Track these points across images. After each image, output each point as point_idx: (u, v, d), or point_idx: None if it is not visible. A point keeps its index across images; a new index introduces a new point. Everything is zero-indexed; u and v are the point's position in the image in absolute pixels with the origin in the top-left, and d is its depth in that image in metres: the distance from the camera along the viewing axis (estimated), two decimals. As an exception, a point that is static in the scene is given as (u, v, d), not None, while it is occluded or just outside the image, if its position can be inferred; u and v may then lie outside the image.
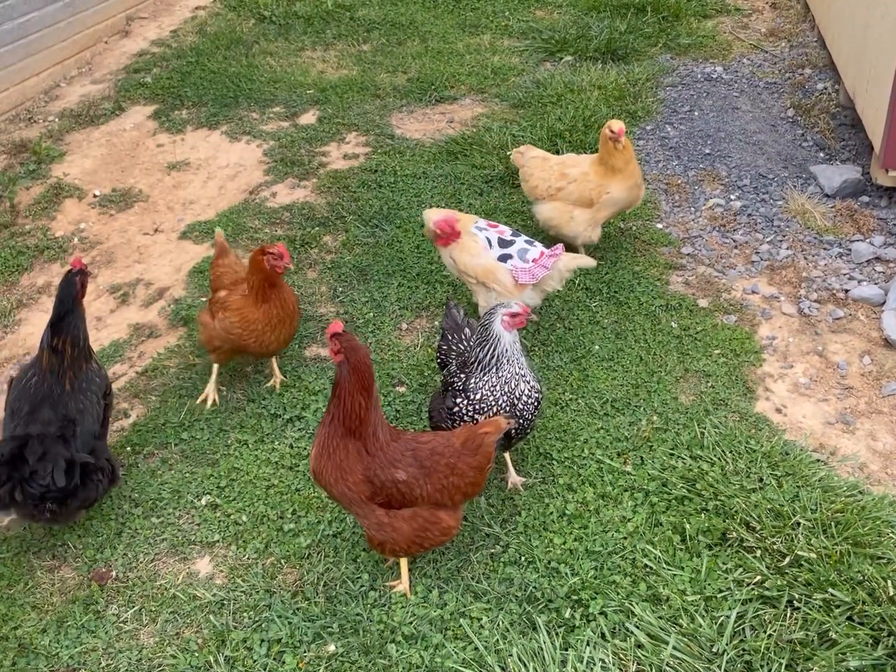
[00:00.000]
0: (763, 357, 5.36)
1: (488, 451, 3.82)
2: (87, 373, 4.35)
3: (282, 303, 4.83)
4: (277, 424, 4.87)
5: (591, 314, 5.61)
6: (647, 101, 8.00)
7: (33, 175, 7.69)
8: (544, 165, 5.92)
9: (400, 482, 3.71)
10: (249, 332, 4.79)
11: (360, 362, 3.65)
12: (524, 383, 4.12)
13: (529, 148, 6.11)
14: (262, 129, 8.01)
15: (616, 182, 5.72)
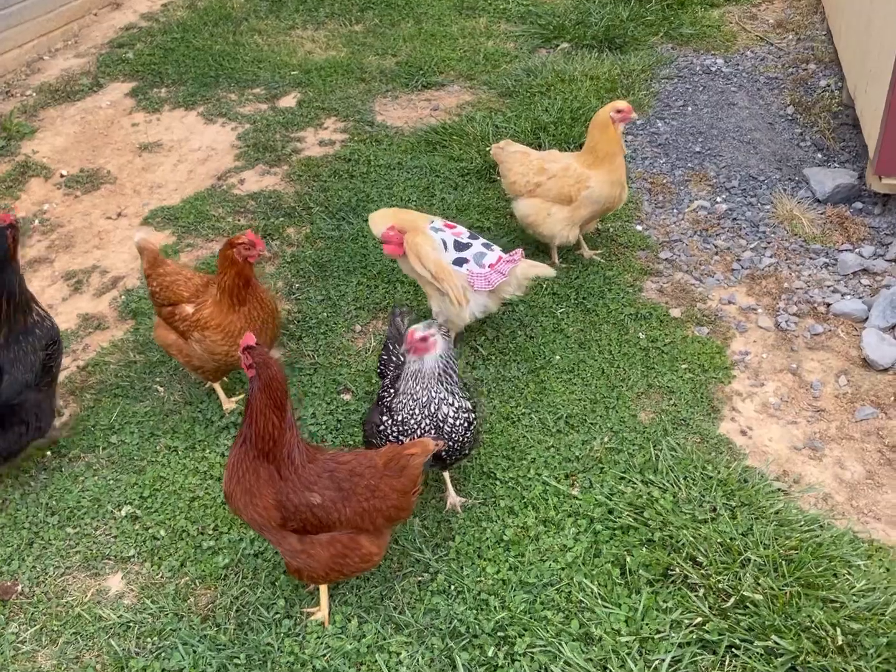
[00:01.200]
0: (733, 374, 5.08)
1: (413, 474, 3.56)
2: (27, 326, 4.30)
3: (259, 302, 4.50)
4: (211, 431, 4.64)
5: (556, 321, 5.33)
6: (639, 93, 7.67)
7: (1, 152, 7.47)
8: (524, 160, 5.63)
9: (315, 506, 3.47)
10: (238, 347, 4.42)
11: (273, 378, 3.40)
12: (446, 406, 3.86)
13: (509, 143, 5.82)
14: (240, 111, 7.75)
15: (600, 174, 5.44)
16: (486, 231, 6.06)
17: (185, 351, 4.52)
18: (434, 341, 3.77)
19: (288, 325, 5.31)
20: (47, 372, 4.41)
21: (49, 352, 4.38)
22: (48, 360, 4.38)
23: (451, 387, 3.87)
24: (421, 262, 4.78)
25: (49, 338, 4.38)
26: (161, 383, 4.96)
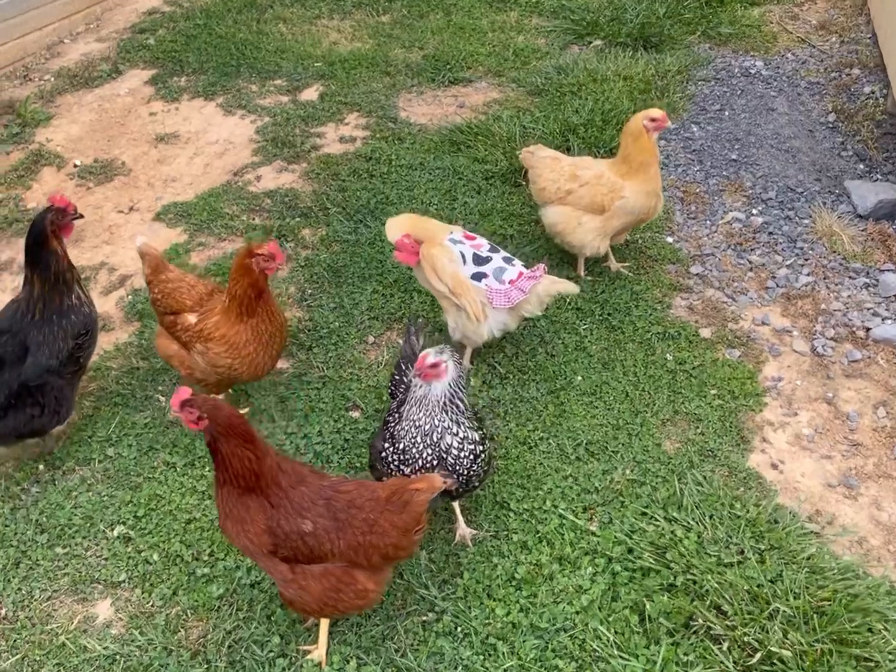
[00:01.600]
0: (765, 401, 4.80)
1: (417, 511, 3.32)
2: (63, 307, 4.26)
3: (269, 314, 4.27)
4: (212, 446, 4.39)
5: (579, 339, 5.07)
6: (674, 96, 7.36)
7: (16, 139, 7.28)
8: (555, 166, 5.36)
9: (306, 534, 3.24)
10: (242, 360, 4.25)
11: (229, 418, 3.19)
12: (450, 436, 3.60)
13: (540, 147, 5.54)
14: (260, 103, 7.51)
15: (634, 184, 5.18)
16: (509, 239, 5.80)
17: (186, 363, 4.30)
18: (445, 368, 3.52)
19: (298, 333, 5.08)
20: (74, 361, 4.33)
21: (80, 341, 4.31)
22: (77, 350, 4.31)
23: (457, 416, 3.62)
24: (437, 276, 4.54)
25: (83, 326, 4.31)
26: (163, 392, 4.74)
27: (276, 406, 4.62)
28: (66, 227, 4.34)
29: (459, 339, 4.74)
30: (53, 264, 4.25)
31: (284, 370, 4.85)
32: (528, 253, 5.66)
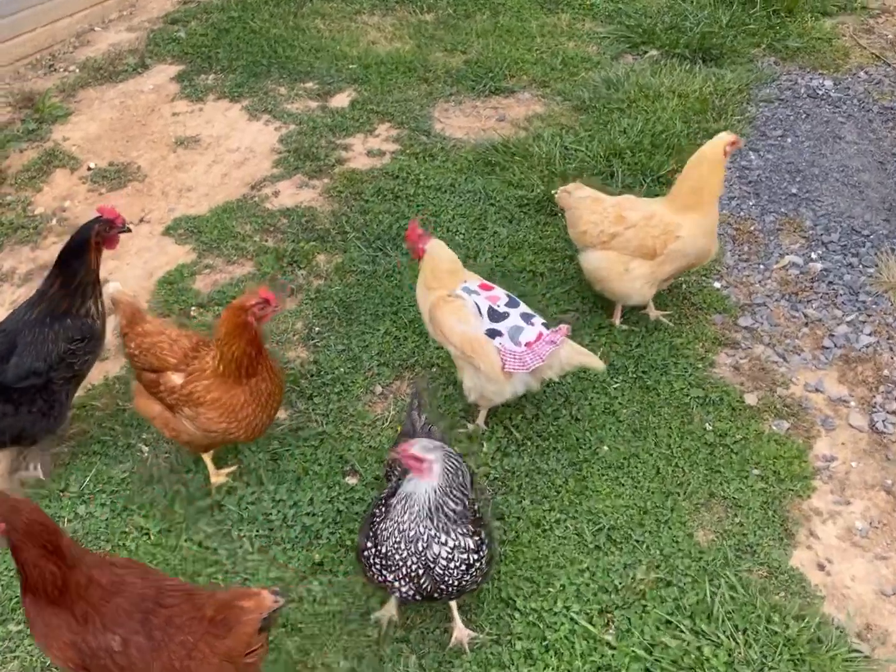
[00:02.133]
0: (814, 485, 4.27)
1: (243, 635, 2.83)
2: (66, 313, 4.05)
3: (269, 371, 3.85)
4: (191, 511, 3.99)
5: (609, 400, 4.56)
6: (732, 118, 6.77)
7: (31, 136, 6.94)
8: (596, 207, 4.81)
9: (115, 652, 2.81)
10: (238, 423, 3.83)
11: (32, 523, 2.76)
12: (438, 545, 3.13)
13: (579, 186, 5.00)
14: (287, 108, 7.05)
15: (692, 223, 4.67)
16: (539, 277, 5.30)
17: (171, 425, 3.88)
18: (428, 468, 3.04)
19: (300, 379, 4.64)
20: (67, 367, 4.05)
21: (73, 347, 4.04)
22: (69, 356, 4.03)
23: (446, 525, 3.13)
24: (446, 338, 4.06)
25: (79, 332, 4.05)
26: (147, 442, 4.33)
27: (267, 466, 4.19)
28: (111, 239, 4.16)
29: (476, 399, 4.26)
30: (81, 274, 4.06)
31: (281, 422, 4.42)
32: (558, 295, 5.16)
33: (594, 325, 4.99)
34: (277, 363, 3.94)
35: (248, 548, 3.83)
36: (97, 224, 4.09)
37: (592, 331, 4.95)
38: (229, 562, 3.77)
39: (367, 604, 3.66)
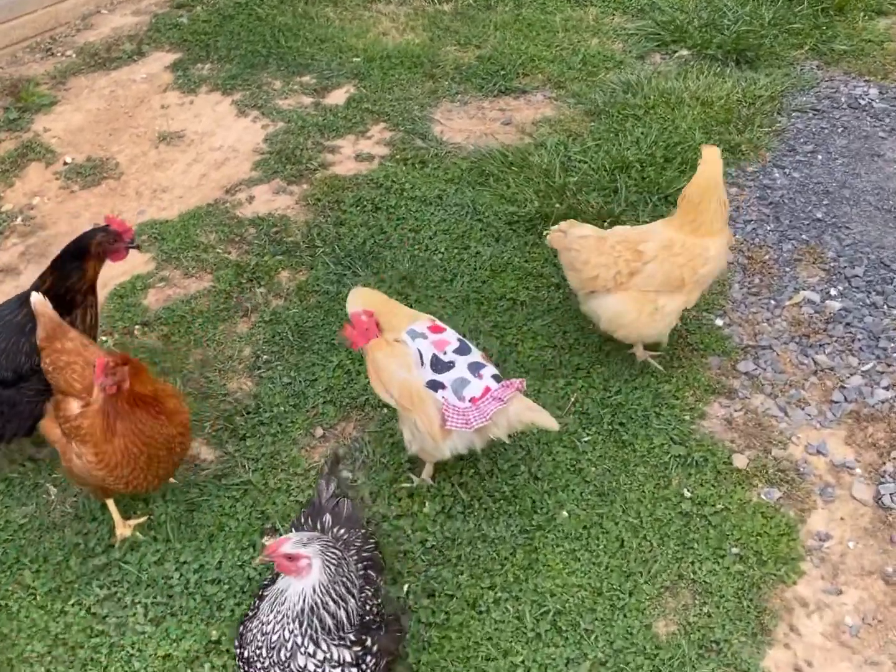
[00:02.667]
0: (802, 568, 3.72)
1: None
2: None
3: (159, 420, 3.39)
4: (87, 568, 3.58)
5: (576, 456, 4.05)
6: (759, 130, 6.14)
7: (11, 126, 6.59)
8: (602, 247, 4.23)
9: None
10: (116, 479, 3.42)
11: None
12: (304, 657, 2.64)
13: (573, 224, 4.39)
14: (278, 104, 6.61)
15: (719, 242, 4.20)
16: (519, 306, 4.80)
17: (67, 455, 3.46)
18: (307, 566, 2.56)
19: (235, 416, 4.19)
20: (40, 380, 3.69)
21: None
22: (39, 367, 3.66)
23: (316, 634, 2.65)
24: (382, 386, 3.57)
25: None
26: (56, 482, 3.93)
27: (181, 518, 3.76)
28: (116, 252, 3.95)
29: (416, 452, 3.78)
30: (73, 280, 3.85)
31: (207, 465, 3.98)
32: (537, 328, 4.67)
33: (572, 365, 4.47)
34: (180, 401, 3.47)
35: (139, 618, 3.40)
36: (101, 234, 3.86)
37: (569, 372, 4.44)
38: (116, 633, 3.36)
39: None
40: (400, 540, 3.69)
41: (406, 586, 3.54)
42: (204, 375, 4.44)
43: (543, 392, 4.31)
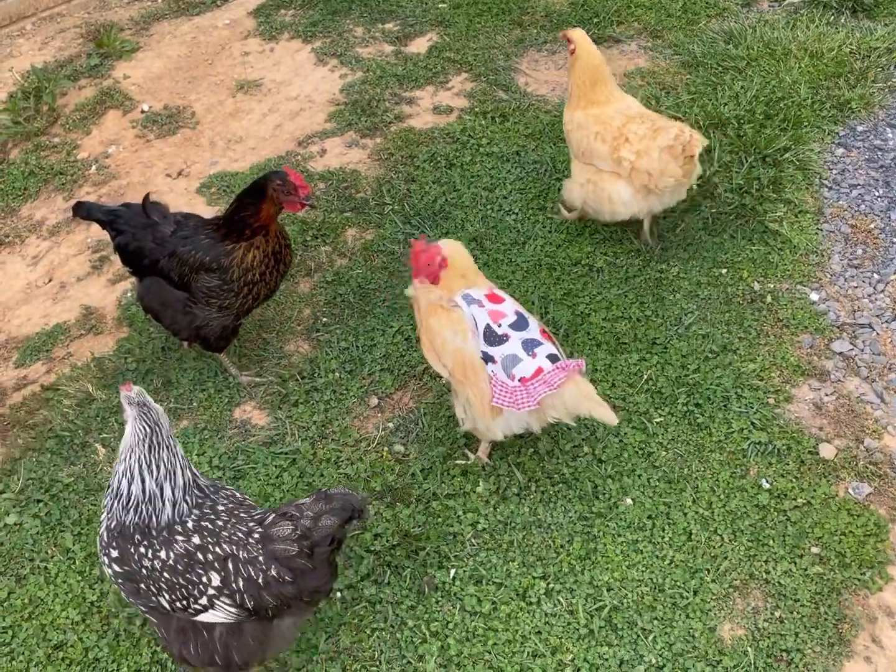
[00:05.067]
0: (890, 574, 3.37)
1: None
2: (212, 241, 3.79)
3: None
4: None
5: (645, 438, 3.76)
6: (873, 85, 5.63)
7: (92, 72, 6.51)
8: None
9: None
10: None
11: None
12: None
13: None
14: (358, 52, 6.36)
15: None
16: (594, 273, 4.51)
17: None
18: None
19: (289, 380, 4.03)
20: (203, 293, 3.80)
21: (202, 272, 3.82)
22: (195, 277, 3.79)
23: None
24: (435, 355, 3.34)
25: (208, 258, 3.78)
26: (105, 442, 3.83)
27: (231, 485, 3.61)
28: (290, 203, 3.73)
29: (469, 429, 3.55)
30: (247, 213, 3.71)
31: (258, 430, 3.84)
32: (611, 298, 4.37)
33: (648, 339, 4.17)
34: None
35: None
36: (278, 180, 3.68)
37: (644, 346, 4.14)
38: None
39: None
40: (449, 521, 3.48)
41: (453, 571, 3.32)
42: (261, 336, 4.28)
43: (614, 367, 4.03)
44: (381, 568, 3.36)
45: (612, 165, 4.24)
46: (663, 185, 4.18)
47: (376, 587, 3.30)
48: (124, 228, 3.86)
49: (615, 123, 4.24)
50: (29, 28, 7.08)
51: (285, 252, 3.84)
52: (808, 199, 4.89)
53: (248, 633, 2.74)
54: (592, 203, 4.42)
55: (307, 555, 2.61)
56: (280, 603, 2.67)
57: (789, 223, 4.70)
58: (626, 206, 4.32)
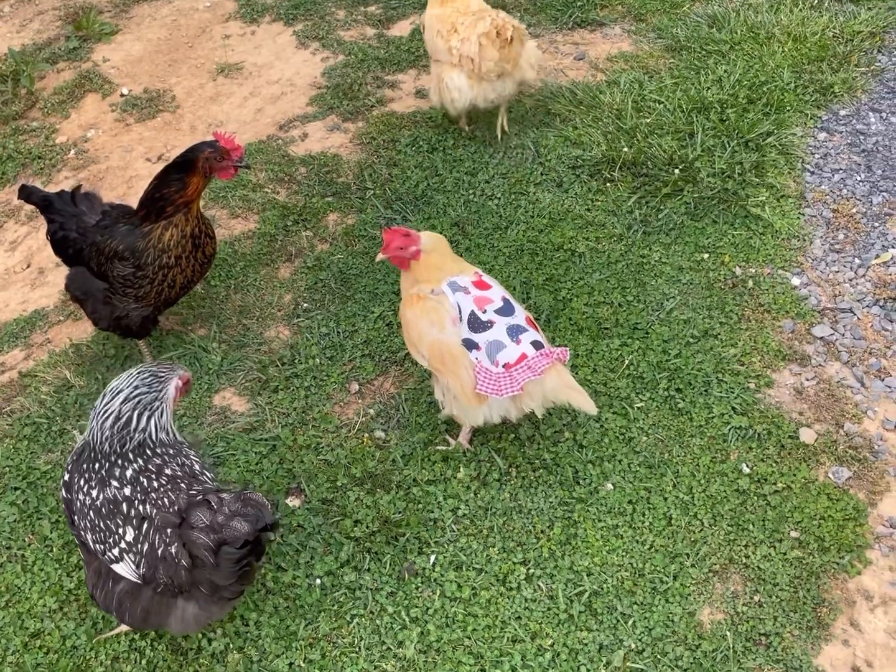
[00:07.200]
0: (869, 557, 3.38)
1: None
2: (130, 223, 3.77)
3: None
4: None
5: (626, 423, 3.76)
6: (856, 69, 5.63)
7: (71, 55, 6.44)
8: None
9: None
10: None
11: None
12: None
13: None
14: (340, 35, 6.32)
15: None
16: (576, 258, 4.49)
17: None
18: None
19: (269, 366, 4.00)
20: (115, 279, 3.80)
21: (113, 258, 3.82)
22: (106, 263, 3.83)
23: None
24: (414, 345, 3.33)
25: (123, 245, 3.79)
26: (83, 428, 3.79)
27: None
28: (223, 170, 3.70)
29: (449, 415, 3.54)
30: (171, 190, 3.65)
31: (237, 417, 3.81)
32: (593, 283, 4.35)
33: (629, 324, 4.16)
34: None
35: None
36: (209, 149, 3.64)
37: (626, 331, 4.14)
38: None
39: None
40: (430, 507, 3.47)
41: (433, 557, 3.32)
42: (241, 322, 4.26)
43: (596, 353, 4.02)
44: (361, 554, 3.34)
45: (448, 57, 4.70)
46: (486, 70, 4.62)
47: (356, 573, 3.28)
48: (53, 217, 3.85)
49: (451, 20, 4.72)
50: (7, 10, 7.00)
51: (206, 241, 3.80)
52: (790, 183, 4.89)
53: (144, 601, 2.77)
54: (440, 95, 4.88)
55: (211, 549, 2.57)
56: (172, 583, 2.66)
57: (771, 208, 4.69)
58: (461, 92, 4.76)
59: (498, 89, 4.78)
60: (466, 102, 4.80)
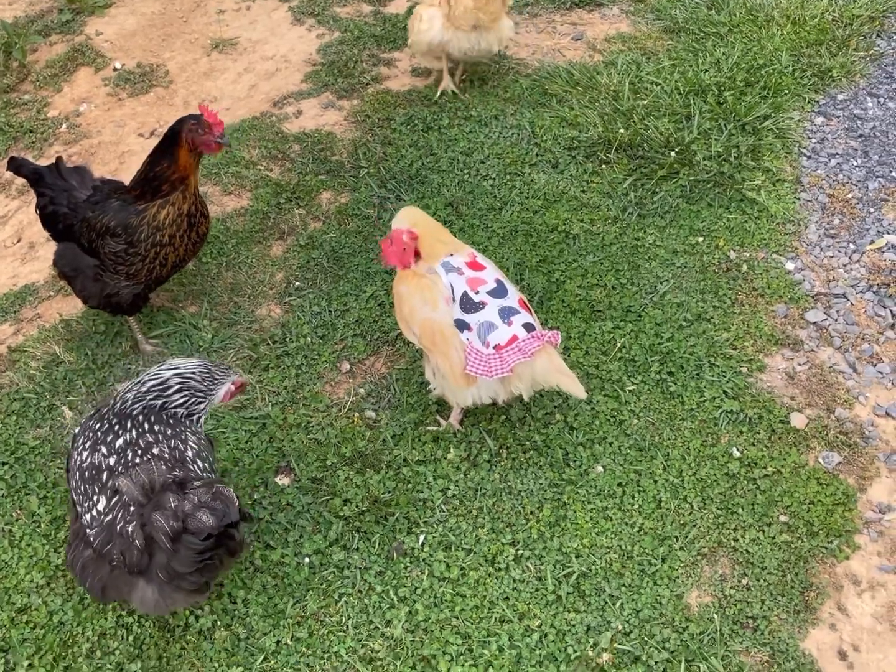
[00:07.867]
0: (857, 542, 3.38)
1: None
2: (124, 200, 3.73)
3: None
4: (94, 499, 3.42)
5: (618, 406, 3.75)
6: (854, 53, 5.60)
7: (64, 28, 6.38)
8: None
9: None
10: None
11: None
12: None
13: None
14: (336, 12, 6.27)
15: None
16: (570, 240, 4.47)
17: None
18: None
19: (260, 344, 3.98)
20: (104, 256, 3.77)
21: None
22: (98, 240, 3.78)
23: None
24: (405, 322, 3.31)
25: (115, 222, 3.75)
26: (73, 404, 3.79)
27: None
28: (206, 144, 3.65)
29: (440, 396, 3.53)
30: (163, 166, 3.63)
31: (228, 394, 3.79)
32: (587, 265, 4.33)
33: (622, 306, 4.15)
34: None
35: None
36: (191, 121, 3.62)
37: (619, 314, 4.12)
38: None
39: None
40: (419, 487, 3.46)
41: (422, 537, 3.31)
42: (232, 300, 4.24)
43: (588, 335, 4.01)
44: (350, 533, 3.33)
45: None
46: (459, 14, 4.73)
47: (345, 553, 3.28)
48: (44, 191, 3.80)
49: None
50: (-1, -18, 6.92)
51: (200, 221, 3.77)
52: (786, 167, 4.87)
53: (103, 574, 2.75)
54: (414, 28, 5.02)
55: (169, 535, 2.54)
56: (123, 560, 2.64)
57: (767, 192, 4.67)
58: (431, 23, 4.90)
59: (473, 41, 4.89)
60: (434, 39, 4.92)
